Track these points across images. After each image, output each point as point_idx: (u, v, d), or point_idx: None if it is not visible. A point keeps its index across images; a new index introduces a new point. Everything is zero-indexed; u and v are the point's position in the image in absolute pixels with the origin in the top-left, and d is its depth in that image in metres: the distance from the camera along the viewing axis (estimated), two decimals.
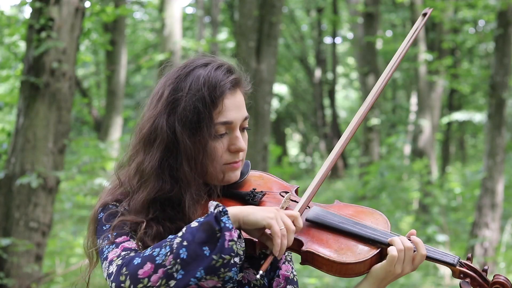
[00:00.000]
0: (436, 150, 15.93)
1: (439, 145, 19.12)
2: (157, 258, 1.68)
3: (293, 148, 31.31)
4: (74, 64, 5.96)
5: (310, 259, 1.82)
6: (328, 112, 24.93)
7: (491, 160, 9.29)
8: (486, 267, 1.88)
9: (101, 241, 1.85)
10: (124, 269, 1.70)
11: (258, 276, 1.74)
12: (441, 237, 9.72)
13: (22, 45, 8.54)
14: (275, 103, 23.93)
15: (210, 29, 20.42)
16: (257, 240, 1.80)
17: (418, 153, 13.53)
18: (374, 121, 16.00)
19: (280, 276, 1.97)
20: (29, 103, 5.81)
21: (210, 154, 1.86)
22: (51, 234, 6.14)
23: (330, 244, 1.84)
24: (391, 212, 13.00)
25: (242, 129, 1.92)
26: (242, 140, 1.90)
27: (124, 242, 1.81)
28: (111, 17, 8.17)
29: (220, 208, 1.72)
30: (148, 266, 1.68)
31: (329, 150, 23.74)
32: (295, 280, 2.00)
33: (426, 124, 13.35)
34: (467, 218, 11.91)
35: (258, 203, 1.91)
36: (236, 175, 1.93)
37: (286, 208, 1.88)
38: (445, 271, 8.62)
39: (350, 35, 24.25)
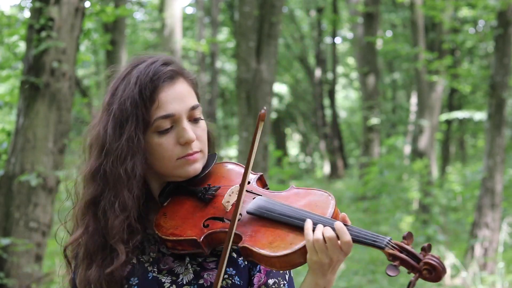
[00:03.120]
0: (436, 150, 15.93)
1: (439, 145, 19.12)
2: None
3: (293, 148, 31.32)
4: (74, 64, 5.96)
5: (249, 254, 1.75)
6: (328, 112, 24.94)
7: (491, 160, 9.29)
8: (426, 245, 1.69)
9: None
10: None
11: None
12: (441, 237, 9.72)
13: (22, 45, 8.54)
14: (275, 103, 23.93)
15: (210, 29, 20.42)
16: (200, 240, 1.77)
17: (418, 153, 13.53)
18: (374, 121, 16.00)
19: (262, 270, 1.89)
20: (29, 103, 5.81)
21: (158, 151, 1.82)
22: (51, 234, 6.13)
23: (266, 236, 1.76)
24: (391, 212, 13.01)
25: (194, 119, 1.86)
26: (190, 131, 1.83)
27: None
28: (111, 17, 8.17)
29: None
30: None
31: (329, 150, 23.78)
32: (281, 272, 1.91)
33: (426, 124, 13.35)
34: (467, 218, 11.91)
35: (209, 199, 1.86)
36: (194, 168, 1.86)
37: (233, 205, 1.82)
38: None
39: (350, 35, 24.26)
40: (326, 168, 24.60)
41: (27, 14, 8.41)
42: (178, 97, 1.83)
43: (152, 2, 18.76)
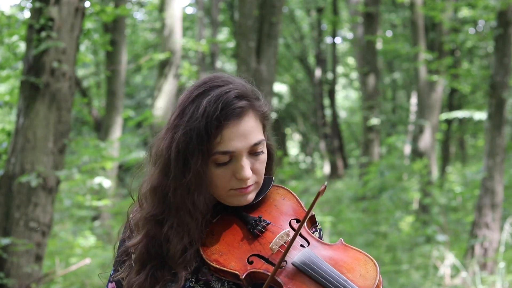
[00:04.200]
0: (436, 150, 15.93)
1: (439, 145, 19.12)
2: None
3: (293, 148, 31.32)
4: (74, 64, 5.96)
5: None
6: (328, 112, 24.94)
7: (491, 160, 9.29)
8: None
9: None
10: None
11: None
12: (441, 237, 9.72)
13: (22, 45, 8.55)
14: (275, 103, 23.93)
15: (210, 29, 20.42)
16: (243, 278, 1.78)
17: (418, 153, 13.53)
18: (374, 121, 16.00)
19: None
20: (29, 103, 5.81)
21: (213, 180, 1.83)
22: (51, 234, 6.13)
23: None
24: (391, 212, 13.01)
25: (254, 153, 1.84)
26: (248, 169, 1.82)
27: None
28: (111, 17, 8.17)
29: None
30: None
31: (329, 150, 23.77)
32: None
33: (426, 124, 13.35)
34: (467, 218, 11.91)
35: (257, 235, 1.86)
36: (246, 199, 1.87)
37: (282, 245, 1.83)
38: (445, 271, 8.62)
39: (350, 35, 24.25)
40: (326, 168, 24.60)
41: (27, 14, 8.41)
42: (242, 135, 1.81)
43: (152, 2, 18.76)
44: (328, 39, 24.82)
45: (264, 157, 1.87)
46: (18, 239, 5.68)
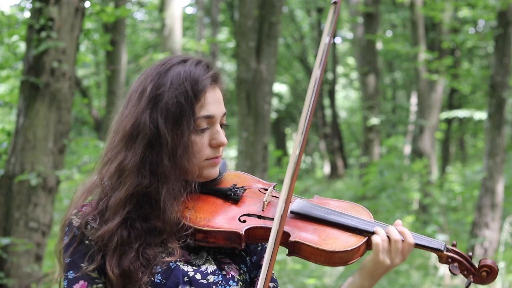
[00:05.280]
0: (436, 150, 15.93)
1: (439, 145, 19.11)
2: None
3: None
4: (74, 64, 5.96)
5: (297, 250, 1.82)
6: (328, 112, 24.93)
7: (491, 160, 9.29)
8: (470, 254, 1.91)
9: (64, 264, 1.87)
10: None
11: None
12: (441, 237, 9.72)
13: (22, 45, 8.54)
14: (275, 103, 23.93)
15: (210, 29, 20.42)
16: (243, 233, 1.82)
17: (418, 153, 13.53)
18: (374, 121, 15.99)
19: None
20: (29, 103, 5.81)
21: (191, 148, 1.86)
22: (51, 234, 6.13)
23: (318, 234, 1.84)
24: (391, 212, 13.00)
25: (221, 125, 1.92)
26: (223, 135, 1.91)
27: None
28: (111, 17, 8.17)
29: None
30: None
31: (329, 150, 23.77)
32: (275, 277, 2.00)
33: (426, 124, 13.35)
34: (467, 218, 11.91)
35: (239, 197, 1.92)
36: (215, 171, 1.93)
37: (269, 203, 1.90)
38: (446, 271, 8.62)
39: (350, 35, 24.25)
40: (326, 168, 24.60)
41: (27, 14, 8.41)
42: (217, 101, 1.91)
43: (152, 2, 18.76)
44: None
45: (224, 132, 1.94)
46: (18, 239, 5.68)
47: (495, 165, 9.27)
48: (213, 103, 1.88)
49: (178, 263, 1.84)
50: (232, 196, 1.93)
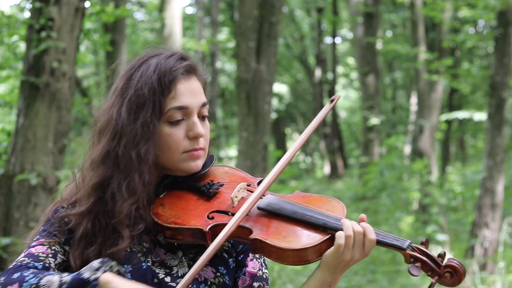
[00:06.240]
0: (436, 150, 15.92)
1: (439, 145, 19.11)
2: (25, 284, 1.69)
3: None
4: (74, 64, 5.96)
5: (259, 247, 1.79)
6: None
7: (491, 160, 9.29)
8: (442, 252, 1.81)
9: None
10: (2, 278, 1.73)
11: None
12: (441, 237, 9.72)
13: (22, 45, 8.54)
14: (275, 103, 23.93)
15: (210, 29, 20.42)
16: (207, 230, 1.80)
17: (418, 153, 13.52)
18: (374, 121, 16.00)
19: (246, 273, 1.94)
20: (29, 103, 5.81)
21: (166, 140, 1.85)
22: None
23: (280, 231, 1.81)
24: (391, 212, 13.00)
25: (201, 117, 1.90)
26: (200, 126, 1.87)
27: (34, 246, 1.82)
28: (111, 17, 8.16)
29: (96, 274, 1.70)
30: (15, 287, 1.70)
31: (329, 150, 23.76)
32: (265, 277, 1.96)
33: (426, 124, 13.35)
34: (467, 218, 11.91)
35: (213, 194, 1.90)
36: (196, 164, 1.90)
37: (242, 199, 1.88)
38: None
39: (350, 35, 24.25)
40: (326, 168, 24.60)
41: (27, 14, 8.41)
42: (192, 92, 1.88)
43: (152, 2, 18.76)
44: (328, 39, 24.82)
45: (208, 124, 1.93)
46: (18, 239, 5.68)
47: (495, 165, 9.27)
48: (186, 94, 1.86)
49: (149, 264, 1.84)
50: (205, 192, 1.90)
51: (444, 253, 1.82)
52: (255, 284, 1.93)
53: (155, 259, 1.85)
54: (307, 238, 1.79)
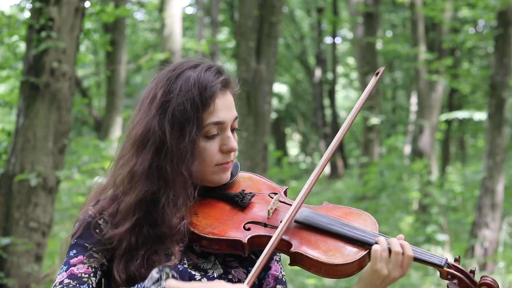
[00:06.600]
0: (436, 150, 15.92)
1: (439, 145, 19.11)
2: None
3: (293, 148, 31.31)
4: (74, 64, 5.96)
5: (299, 260, 1.83)
6: (328, 112, 24.93)
7: (491, 160, 9.29)
8: (473, 268, 1.90)
9: (64, 253, 1.86)
10: None
11: None
12: (441, 237, 9.72)
13: (22, 45, 8.55)
14: (275, 103, 23.92)
15: (210, 29, 20.42)
16: (246, 242, 1.83)
17: (418, 153, 13.52)
18: (374, 121, 16.00)
19: (270, 276, 2.00)
20: (29, 103, 5.81)
21: (201, 154, 1.88)
22: (51, 234, 6.13)
23: (319, 245, 1.85)
24: (391, 212, 13.00)
25: (232, 129, 1.93)
26: (234, 140, 1.91)
27: (75, 265, 1.81)
28: (111, 17, 8.17)
29: (163, 279, 1.69)
30: None
31: None
32: (284, 280, 2.02)
33: (426, 124, 13.35)
34: (467, 218, 11.90)
35: (247, 204, 1.93)
36: (227, 176, 1.94)
37: (275, 210, 1.91)
38: None
39: (350, 35, 24.24)
40: (326, 168, 24.59)
41: (27, 14, 8.41)
42: (228, 106, 1.91)
43: (152, 2, 18.76)
44: (328, 39, 24.81)
45: (236, 136, 1.96)
46: (18, 239, 5.68)
47: (495, 165, 9.27)
48: (223, 109, 1.88)
49: (185, 266, 1.86)
50: (239, 203, 1.93)
51: (475, 268, 1.91)
52: (278, 286, 2.00)
53: (188, 262, 1.88)
54: (347, 253, 1.84)
